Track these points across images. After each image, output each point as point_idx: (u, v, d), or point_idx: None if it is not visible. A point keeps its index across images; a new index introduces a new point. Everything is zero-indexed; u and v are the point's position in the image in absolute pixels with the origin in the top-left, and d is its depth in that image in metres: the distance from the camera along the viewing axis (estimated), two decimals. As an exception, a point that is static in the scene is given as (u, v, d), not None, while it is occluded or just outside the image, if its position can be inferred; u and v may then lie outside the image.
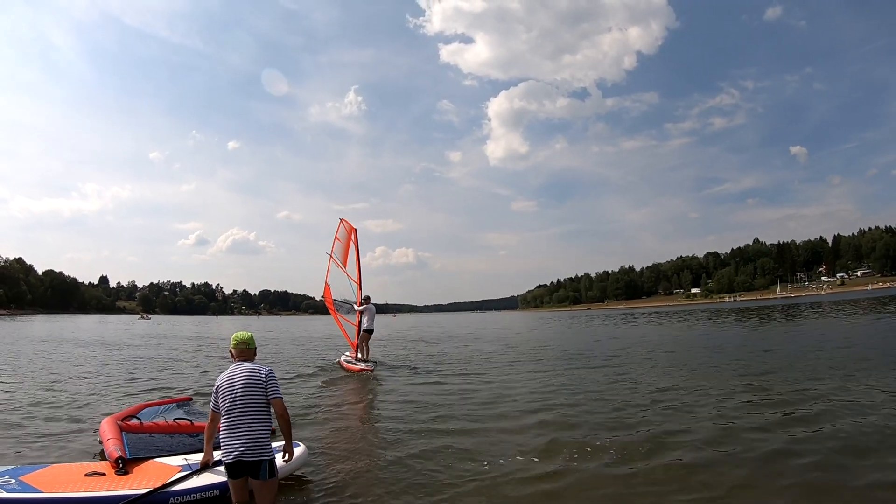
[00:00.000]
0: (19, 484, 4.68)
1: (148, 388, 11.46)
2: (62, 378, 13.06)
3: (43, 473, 5.00)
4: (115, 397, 10.37)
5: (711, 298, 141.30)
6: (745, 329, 27.64)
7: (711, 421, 7.48)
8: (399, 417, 8.45)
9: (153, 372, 14.48)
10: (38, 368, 15.21)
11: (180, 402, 8.19)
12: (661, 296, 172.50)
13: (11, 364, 16.23)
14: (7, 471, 5.01)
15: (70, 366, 15.97)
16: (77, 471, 5.11)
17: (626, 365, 14.11)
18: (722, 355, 15.65)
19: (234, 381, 4.23)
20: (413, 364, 16.30)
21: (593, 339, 26.03)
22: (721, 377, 11.40)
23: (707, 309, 69.03)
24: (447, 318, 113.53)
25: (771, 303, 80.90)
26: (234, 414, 4.11)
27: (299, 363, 16.91)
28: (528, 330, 40.06)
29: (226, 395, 4.19)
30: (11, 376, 13.25)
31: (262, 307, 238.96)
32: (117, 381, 12.78)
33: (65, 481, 4.80)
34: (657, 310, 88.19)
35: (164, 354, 20.15)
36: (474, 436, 7.15)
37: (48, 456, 6.26)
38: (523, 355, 18.11)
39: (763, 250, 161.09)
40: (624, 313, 77.02)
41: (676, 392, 9.82)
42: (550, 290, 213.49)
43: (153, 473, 5.02)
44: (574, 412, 8.37)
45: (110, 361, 17.39)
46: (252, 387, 4.19)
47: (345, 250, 15.84)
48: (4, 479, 4.75)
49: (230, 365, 4.41)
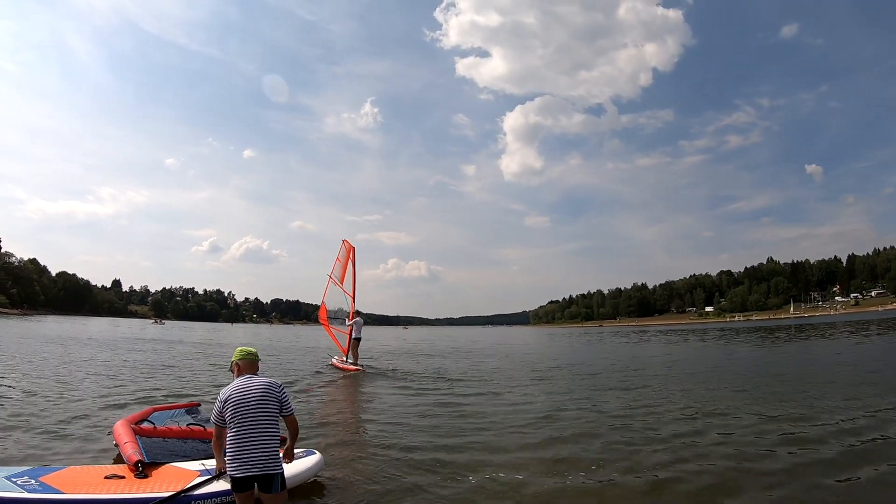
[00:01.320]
0: (40, 485, 4.72)
1: (154, 391, 11.50)
2: (75, 379, 13.16)
3: (62, 475, 5.03)
4: (125, 399, 10.40)
5: (724, 317, 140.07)
6: (765, 349, 27.25)
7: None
8: (412, 428, 8.48)
9: (162, 376, 14.51)
10: (51, 368, 15.32)
11: (188, 407, 8.28)
12: (673, 314, 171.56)
13: (23, 363, 16.30)
14: (26, 471, 5.04)
15: (82, 367, 16.08)
16: (96, 473, 5.15)
17: (644, 387, 13.22)
18: (751, 377, 14.81)
19: (247, 393, 4.16)
20: (424, 377, 16.45)
21: (609, 357, 25.75)
22: (758, 402, 10.34)
23: (722, 328, 68.13)
24: (459, 331, 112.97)
25: (784, 322, 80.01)
26: (246, 427, 4.06)
27: (311, 372, 17.43)
28: (543, 346, 39.75)
29: (238, 407, 4.11)
30: (23, 375, 13.33)
31: (274, 316, 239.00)
32: (127, 381, 12.95)
33: (85, 483, 4.84)
34: (670, 328, 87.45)
35: (175, 360, 20.15)
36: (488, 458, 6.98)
37: (62, 457, 6.31)
38: (539, 373, 17.74)
39: (777, 269, 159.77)
40: (636, 331, 76.38)
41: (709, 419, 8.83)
42: (562, 306, 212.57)
43: (172, 477, 5.05)
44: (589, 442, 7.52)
45: (122, 363, 17.50)
46: (267, 400, 4.18)
47: (343, 269, 18.68)
48: (24, 480, 4.78)
49: (234, 378, 4.39)
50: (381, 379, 15.52)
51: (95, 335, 37.68)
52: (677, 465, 6.25)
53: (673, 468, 6.17)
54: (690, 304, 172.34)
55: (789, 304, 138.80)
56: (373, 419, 9.39)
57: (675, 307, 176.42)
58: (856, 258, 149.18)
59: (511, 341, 48.87)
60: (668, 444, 7.23)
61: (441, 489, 5.61)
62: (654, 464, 6.36)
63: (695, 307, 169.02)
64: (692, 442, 7.40)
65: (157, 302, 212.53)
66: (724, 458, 6.49)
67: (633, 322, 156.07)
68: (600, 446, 7.21)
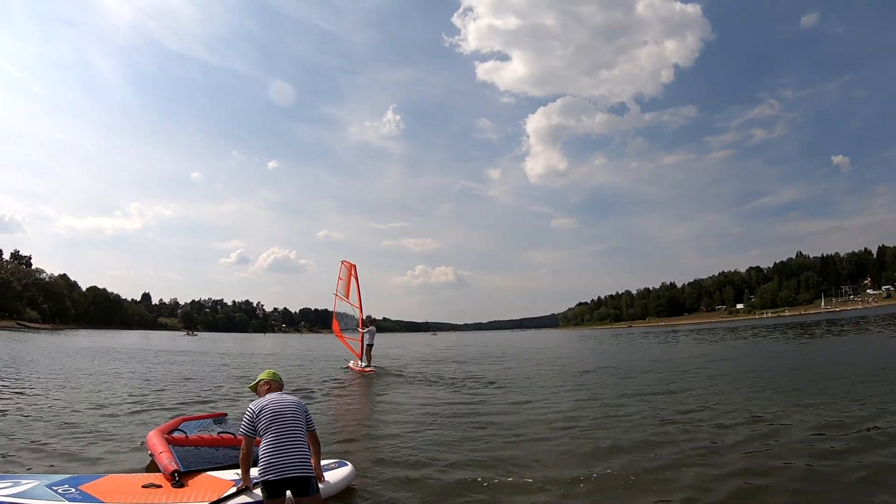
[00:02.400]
0: (80, 493, 4.80)
1: (189, 401, 11.62)
2: (106, 389, 13.38)
3: (101, 483, 5.12)
4: (154, 409, 10.54)
5: (754, 314, 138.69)
6: (804, 345, 26.59)
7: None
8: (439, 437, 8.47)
9: (192, 385, 14.61)
10: (82, 379, 15.57)
11: (216, 417, 8.42)
12: (703, 312, 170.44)
13: (55, 375, 16.53)
14: (65, 479, 5.12)
15: (113, 378, 16.34)
16: (134, 482, 5.23)
17: (690, 391, 12.41)
18: (801, 375, 14.09)
19: (283, 405, 4.49)
20: (454, 383, 16.57)
21: (647, 358, 25.04)
22: (821, 403, 9.63)
23: (755, 325, 66.74)
24: (488, 336, 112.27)
25: (816, 318, 79.07)
26: (283, 433, 4.30)
27: (330, 376, 18.09)
28: (576, 349, 38.72)
29: (274, 417, 4.37)
30: (55, 387, 13.50)
31: (303, 325, 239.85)
32: (157, 392, 13.18)
33: (123, 492, 4.92)
34: (701, 327, 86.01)
35: (207, 371, 20.22)
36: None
37: (98, 466, 6.40)
38: (578, 377, 17.40)
39: (806, 264, 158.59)
40: (667, 331, 75.05)
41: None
42: (591, 308, 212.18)
43: (208, 486, 5.14)
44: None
45: (153, 374, 17.78)
46: (299, 414, 4.52)
47: (347, 285, 21.20)
48: (65, 489, 4.86)
49: (260, 397, 4.70)
50: (408, 385, 15.68)
51: (127, 348, 38.23)
52: (759, 478, 5.68)
53: (756, 479, 5.66)
54: (720, 302, 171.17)
55: (820, 298, 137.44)
56: (398, 425, 9.28)
57: (705, 305, 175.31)
58: (886, 249, 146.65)
59: (542, 344, 48.45)
60: (743, 451, 6.69)
61: (475, 492, 5.59)
62: (733, 473, 5.85)
63: (724, 305, 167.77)
64: (767, 448, 6.80)
65: (187, 314, 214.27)
66: (807, 475, 5.74)
67: (663, 322, 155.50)
68: (670, 459, 6.50)
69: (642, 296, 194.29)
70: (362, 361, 19.72)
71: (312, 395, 13.17)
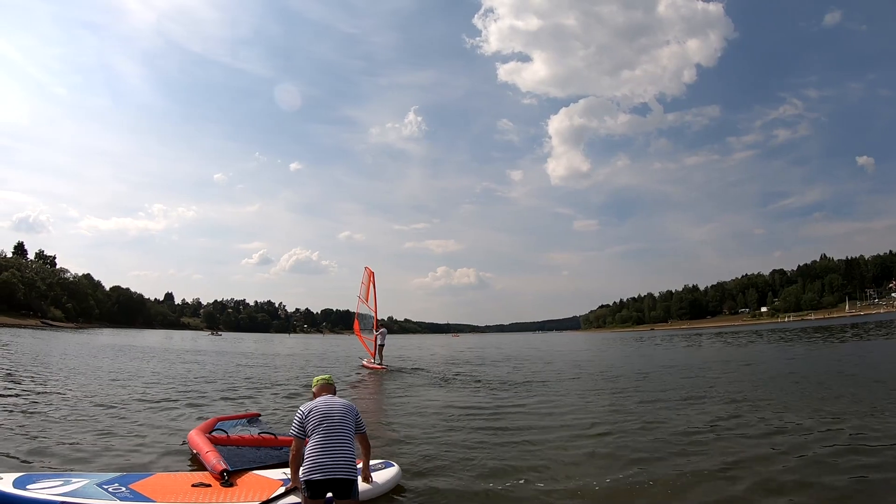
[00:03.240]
0: (130, 492, 4.81)
1: (218, 399, 11.72)
2: (135, 387, 13.49)
3: (150, 482, 5.13)
4: (186, 408, 10.58)
5: (778, 318, 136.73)
6: (835, 349, 26.18)
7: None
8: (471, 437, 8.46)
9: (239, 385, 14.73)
10: (111, 377, 15.74)
11: (250, 417, 8.50)
12: (726, 315, 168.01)
13: (82, 373, 16.65)
14: (115, 478, 5.14)
15: (140, 376, 16.56)
16: (183, 481, 5.26)
17: (712, 398, 11.70)
18: (844, 381, 13.60)
19: (332, 407, 4.57)
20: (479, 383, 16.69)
21: (673, 363, 24.72)
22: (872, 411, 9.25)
23: (783, 328, 65.52)
24: (509, 338, 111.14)
25: (840, 321, 77.60)
26: (330, 434, 4.37)
27: (350, 376, 18.24)
28: (601, 353, 37.98)
29: (323, 418, 4.45)
30: (87, 385, 13.55)
31: (325, 326, 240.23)
32: (189, 390, 13.26)
33: (174, 491, 4.94)
34: (725, 330, 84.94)
35: (235, 369, 20.43)
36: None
37: (142, 465, 6.40)
38: (609, 383, 17.36)
39: (831, 266, 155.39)
40: (691, 334, 73.83)
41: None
42: (613, 311, 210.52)
43: (257, 486, 5.16)
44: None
45: (182, 373, 17.90)
46: (349, 417, 4.58)
47: (366, 290, 23.45)
48: (115, 487, 4.87)
49: (311, 400, 4.78)
50: (436, 389, 15.77)
51: (151, 346, 38.67)
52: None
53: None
54: (743, 305, 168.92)
55: (844, 302, 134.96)
56: (419, 427, 9.21)
57: (728, 308, 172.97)
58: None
59: (566, 347, 48.05)
60: (768, 463, 6.44)
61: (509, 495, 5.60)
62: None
63: (748, 308, 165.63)
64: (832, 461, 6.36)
65: (209, 314, 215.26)
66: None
67: (685, 325, 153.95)
68: (698, 468, 6.28)
69: (665, 298, 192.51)
70: (375, 359, 22.09)
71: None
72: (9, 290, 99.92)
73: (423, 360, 27.62)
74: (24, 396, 11.41)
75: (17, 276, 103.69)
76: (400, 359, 27.86)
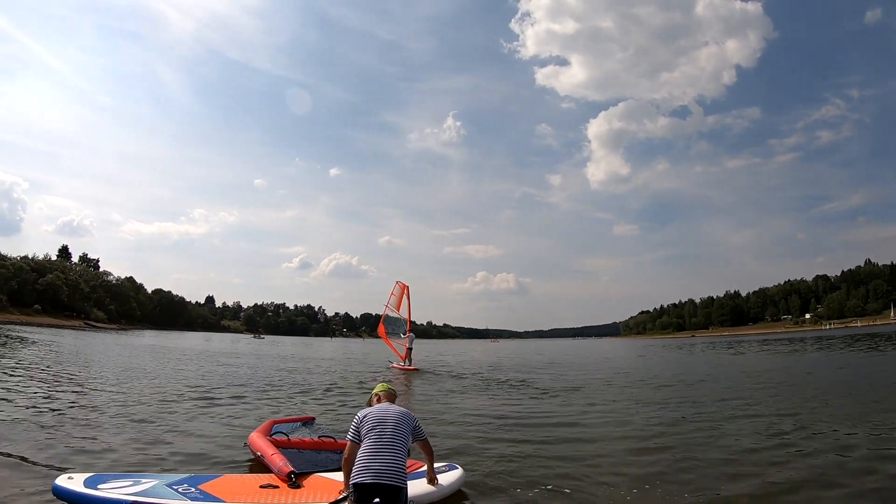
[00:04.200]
0: (200, 493, 4.92)
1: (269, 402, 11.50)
2: (184, 387, 13.68)
3: (219, 483, 5.24)
4: (242, 411, 10.57)
5: (820, 325, 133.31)
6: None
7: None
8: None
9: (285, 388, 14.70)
10: (159, 377, 16.02)
11: (305, 420, 8.56)
12: (767, 322, 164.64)
13: (131, 373, 16.94)
14: (184, 479, 5.25)
15: (186, 376, 16.96)
16: (250, 482, 5.36)
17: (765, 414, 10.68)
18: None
19: (387, 413, 4.68)
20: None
21: (722, 372, 23.53)
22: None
23: (831, 336, 63.26)
24: (549, 344, 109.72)
25: (886, 329, 75.91)
26: (382, 440, 4.43)
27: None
28: (646, 361, 36.52)
29: (377, 422, 4.55)
30: (148, 385, 13.77)
31: (363, 330, 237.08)
32: (245, 393, 13.34)
33: (243, 492, 5.04)
34: (768, 337, 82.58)
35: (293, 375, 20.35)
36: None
37: (202, 466, 6.51)
38: (667, 393, 16.99)
39: (875, 272, 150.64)
40: (734, 341, 71.22)
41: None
42: (653, 317, 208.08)
43: (322, 488, 5.27)
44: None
45: (241, 377, 17.93)
46: (404, 424, 4.66)
47: (398, 301, 26.68)
48: (185, 488, 4.97)
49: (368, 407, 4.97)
50: (481, 395, 15.61)
51: (195, 348, 39.19)
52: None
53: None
54: (785, 312, 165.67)
55: (889, 308, 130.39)
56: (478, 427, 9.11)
57: (770, 315, 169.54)
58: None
59: (608, 354, 47.23)
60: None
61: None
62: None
63: (790, 315, 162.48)
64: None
65: (249, 317, 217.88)
66: None
67: (726, 332, 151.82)
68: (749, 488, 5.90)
69: (706, 304, 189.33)
70: (405, 361, 24.60)
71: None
72: (53, 292, 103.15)
73: (464, 366, 27.83)
74: (75, 395, 11.70)
75: (61, 279, 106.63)
76: (442, 364, 28.18)
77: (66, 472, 5.35)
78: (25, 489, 5.42)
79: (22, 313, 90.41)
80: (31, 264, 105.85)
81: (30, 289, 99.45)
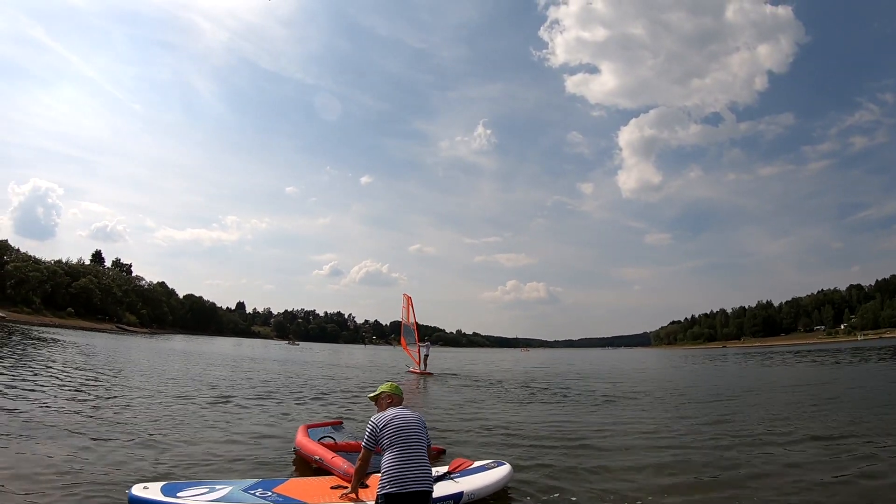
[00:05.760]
0: (277, 496, 5.00)
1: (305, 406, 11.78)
2: (220, 391, 13.82)
3: (290, 486, 5.35)
4: (278, 415, 10.85)
5: (854, 336, 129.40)
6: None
7: None
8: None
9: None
10: (195, 382, 16.20)
11: (334, 424, 8.71)
12: (800, 333, 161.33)
13: (169, 377, 17.15)
14: (257, 484, 5.34)
15: (219, 381, 17.13)
16: (321, 484, 5.52)
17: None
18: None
19: (408, 420, 4.64)
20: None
21: (766, 386, 22.08)
22: None
23: (869, 347, 61.77)
24: (580, 354, 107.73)
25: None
26: (409, 448, 4.44)
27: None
28: (683, 373, 36.00)
29: (399, 431, 4.51)
30: (193, 389, 14.04)
31: (393, 338, 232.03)
32: (280, 396, 13.42)
33: (316, 493, 5.17)
34: (800, 348, 79.48)
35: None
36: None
37: (263, 472, 6.56)
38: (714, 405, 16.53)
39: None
40: (766, 352, 68.16)
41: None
42: (684, 327, 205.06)
43: None
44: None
45: (273, 380, 18.10)
46: (422, 430, 4.69)
47: (406, 312, 28.97)
48: (261, 492, 5.07)
49: (378, 410, 4.91)
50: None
51: (226, 353, 39.57)
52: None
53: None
54: (818, 322, 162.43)
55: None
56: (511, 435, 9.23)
57: (803, 326, 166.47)
58: None
59: (641, 364, 46.35)
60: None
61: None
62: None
63: (823, 325, 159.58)
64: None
65: (280, 323, 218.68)
66: None
67: (758, 342, 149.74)
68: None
69: (737, 315, 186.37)
70: (421, 366, 27.30)
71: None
72: (86, 296, 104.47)
73: (494, 375, 27.67)
74: (114, 398, 11.90)
75: (94, 283, 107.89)
76: (470, 375, 27.06)
77: (135, 482, 5.42)
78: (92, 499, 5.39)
79: (56, 316, 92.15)
80: (65, 268, 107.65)
81: (63, 292, 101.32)
